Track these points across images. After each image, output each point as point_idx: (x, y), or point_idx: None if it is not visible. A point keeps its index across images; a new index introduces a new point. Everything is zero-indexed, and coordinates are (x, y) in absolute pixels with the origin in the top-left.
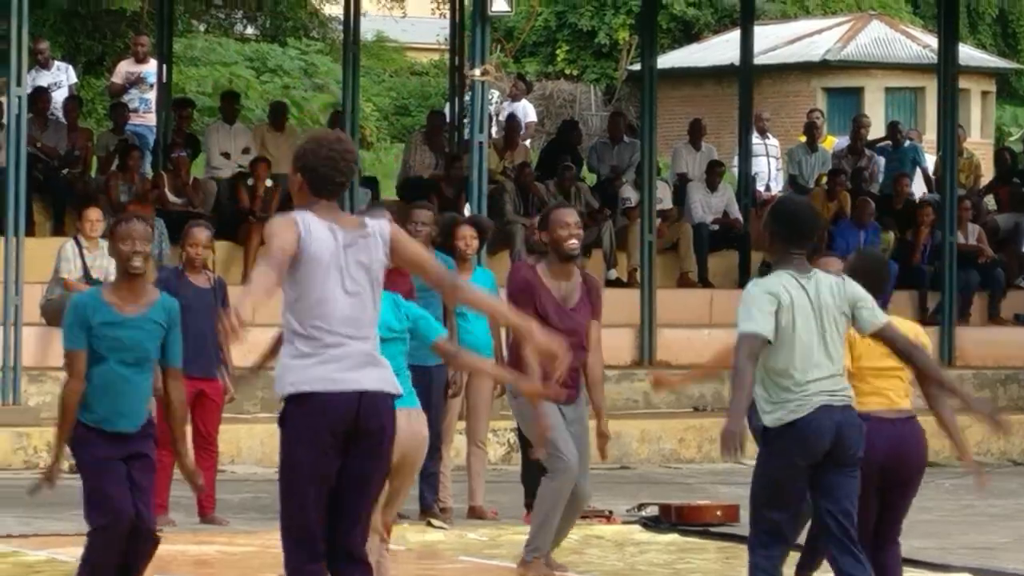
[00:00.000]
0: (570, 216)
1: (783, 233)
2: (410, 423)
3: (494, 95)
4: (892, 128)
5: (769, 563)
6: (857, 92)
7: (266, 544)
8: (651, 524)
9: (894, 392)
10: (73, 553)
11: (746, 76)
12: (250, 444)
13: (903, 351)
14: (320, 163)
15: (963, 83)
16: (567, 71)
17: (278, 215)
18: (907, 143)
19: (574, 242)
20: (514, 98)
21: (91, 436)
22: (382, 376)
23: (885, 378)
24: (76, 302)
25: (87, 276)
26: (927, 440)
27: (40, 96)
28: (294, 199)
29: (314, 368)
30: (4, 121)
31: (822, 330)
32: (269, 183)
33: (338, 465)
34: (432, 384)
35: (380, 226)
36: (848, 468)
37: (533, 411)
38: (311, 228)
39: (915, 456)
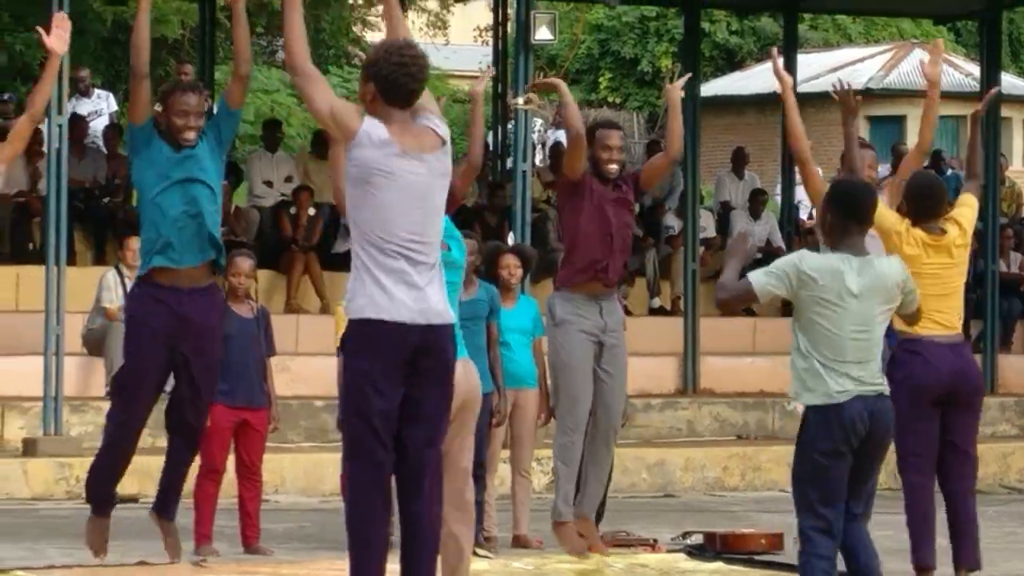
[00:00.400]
0: (612, 139)
1: (840, 214)
2: (467, 375)
3: (537, 123)
4: (935, 157)
5: (827, 563)
6: (900, 120)
7: (311, 573)
8: (696, 552)
9: (948, 315)
10: None
11: None
12: (294, 474)
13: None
14: (392, 69)
15: (1005, 111)
16: (610, 99)
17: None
18: (949, 172)
19: (614, 166)
20: (558, 126)
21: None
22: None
23: (941, 299)
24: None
25: None
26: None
27: (75, 125)
28: (367, 111)
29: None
30: (44, 150)
31: (865, 317)
32: (312, 212)
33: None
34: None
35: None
36: (878, 458)
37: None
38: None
39: (974, 376)
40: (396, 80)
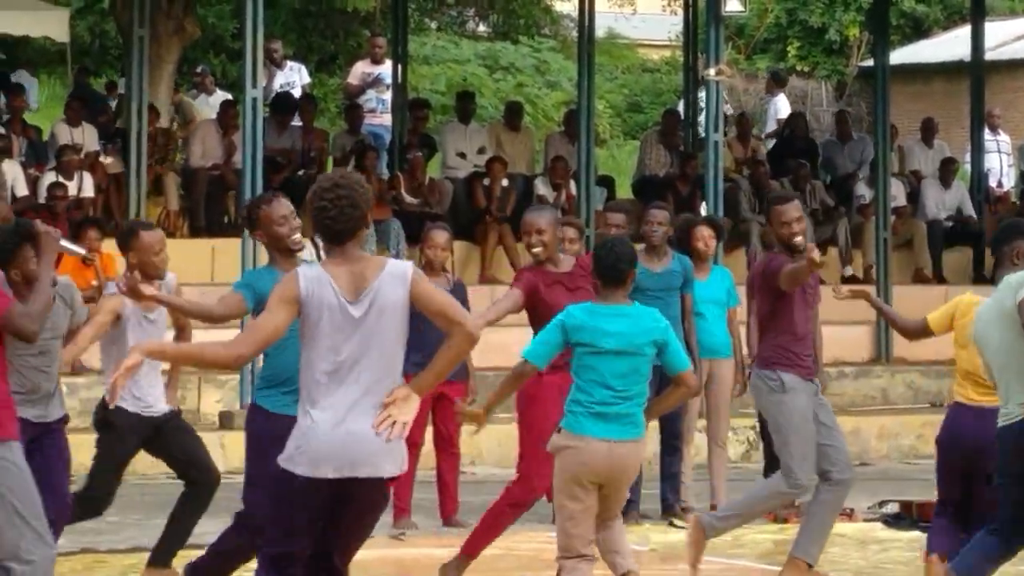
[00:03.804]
0: (790, 212)
1: None
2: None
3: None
4: None
5: None
6: None
7: (510, 546)
8: (892, 522)
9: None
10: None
11: (977, 72)
12: (490, 446)
13: None
14: (314, 212)
15: None
16: (798, 67)
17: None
18: None
19: (799, 239)
20: (771, 93)
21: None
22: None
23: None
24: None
25: None
26: None
27: (283, 101)
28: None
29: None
30: (238, 123)
31: None
32: (505, 182)
33: None
34: None
35: (400, 270)
36: None
37: None
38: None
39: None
40: (320, 222)
